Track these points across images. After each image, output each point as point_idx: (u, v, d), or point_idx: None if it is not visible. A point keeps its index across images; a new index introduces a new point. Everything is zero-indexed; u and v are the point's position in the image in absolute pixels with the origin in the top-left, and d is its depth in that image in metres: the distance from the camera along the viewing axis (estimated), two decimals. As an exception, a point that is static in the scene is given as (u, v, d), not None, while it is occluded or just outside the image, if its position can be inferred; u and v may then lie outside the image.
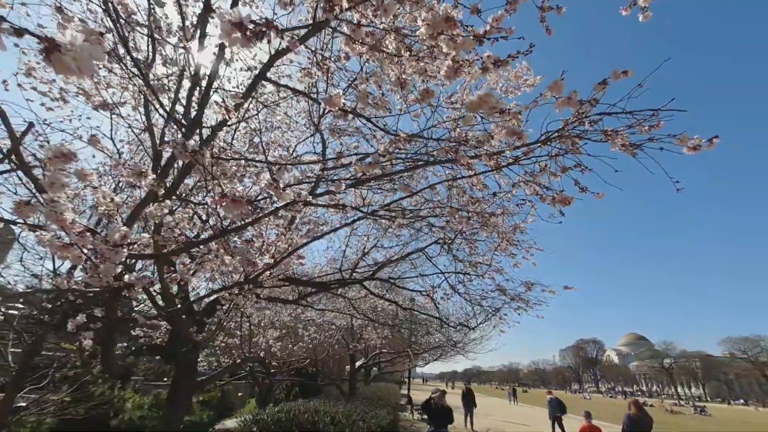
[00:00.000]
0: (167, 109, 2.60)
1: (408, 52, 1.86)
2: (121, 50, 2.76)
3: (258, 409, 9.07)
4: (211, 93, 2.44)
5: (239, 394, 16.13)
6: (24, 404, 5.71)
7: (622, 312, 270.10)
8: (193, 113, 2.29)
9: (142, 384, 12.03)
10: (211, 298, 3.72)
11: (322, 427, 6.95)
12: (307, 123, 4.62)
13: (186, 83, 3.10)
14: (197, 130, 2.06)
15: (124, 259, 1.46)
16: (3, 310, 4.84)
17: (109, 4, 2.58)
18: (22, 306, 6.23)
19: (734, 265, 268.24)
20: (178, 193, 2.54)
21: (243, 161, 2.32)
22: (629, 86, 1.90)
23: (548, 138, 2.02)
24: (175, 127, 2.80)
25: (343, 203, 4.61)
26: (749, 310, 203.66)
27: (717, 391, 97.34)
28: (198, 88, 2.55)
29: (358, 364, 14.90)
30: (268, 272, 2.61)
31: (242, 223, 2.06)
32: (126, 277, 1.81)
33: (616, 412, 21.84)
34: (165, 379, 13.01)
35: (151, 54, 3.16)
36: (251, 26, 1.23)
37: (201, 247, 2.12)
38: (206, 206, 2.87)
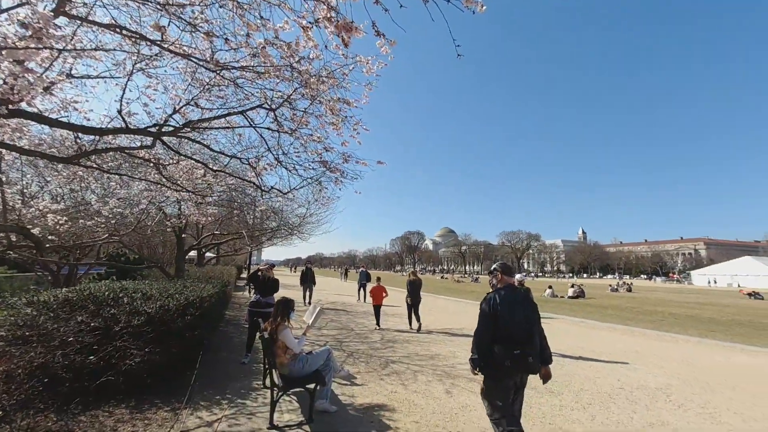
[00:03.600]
0: None
1: None
2: None
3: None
4: None
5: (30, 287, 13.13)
6: None
7: (442, 209, 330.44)
8: None
9: None
10: None
11: (128, 301, 6.24)
12: None
13: None
14: None
15: None
16: None
17: None
18: None
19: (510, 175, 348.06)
20: None
21: None
22: None
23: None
24: None
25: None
26: (519, 211, 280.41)
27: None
28: None
29: (189, 246, 13.93)
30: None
31: None
32: None
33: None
34: None
35: None
36: None
37: None
38: None
